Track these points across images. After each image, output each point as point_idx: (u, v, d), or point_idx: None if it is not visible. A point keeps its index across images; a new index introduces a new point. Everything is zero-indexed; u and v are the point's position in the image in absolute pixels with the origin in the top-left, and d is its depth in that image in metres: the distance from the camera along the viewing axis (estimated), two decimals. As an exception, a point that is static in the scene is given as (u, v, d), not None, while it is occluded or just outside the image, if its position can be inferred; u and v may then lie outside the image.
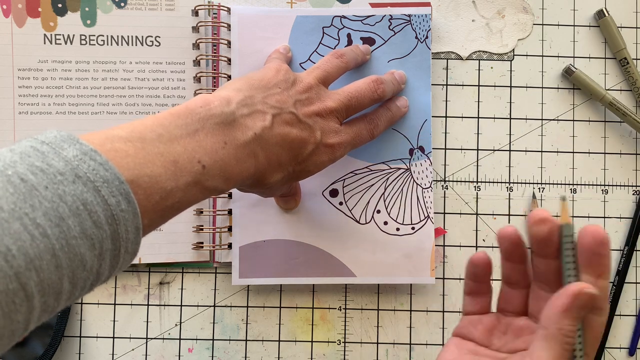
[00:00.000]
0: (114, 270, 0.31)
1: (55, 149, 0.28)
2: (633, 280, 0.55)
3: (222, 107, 0.37)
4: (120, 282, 0.54)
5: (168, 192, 0.32)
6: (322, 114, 0.43)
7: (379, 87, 0.48)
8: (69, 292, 0.28)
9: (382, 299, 0.55)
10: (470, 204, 0.55)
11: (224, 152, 0.36)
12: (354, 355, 0.54)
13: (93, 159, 0.29)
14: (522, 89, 0.55)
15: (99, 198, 0.28)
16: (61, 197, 0.27)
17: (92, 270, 0.29)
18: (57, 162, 0.28)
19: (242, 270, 0.52)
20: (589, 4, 0.56)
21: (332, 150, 0.44)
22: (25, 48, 0.53)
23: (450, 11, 0.55)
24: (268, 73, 0.43)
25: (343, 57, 0.48)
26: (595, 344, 0.32)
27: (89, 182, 0.28)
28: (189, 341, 0.54)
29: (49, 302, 0.27)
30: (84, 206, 0.28)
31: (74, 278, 0.28)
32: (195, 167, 0.34)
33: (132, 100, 0.54)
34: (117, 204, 0.29)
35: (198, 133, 0.35)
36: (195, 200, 0.35)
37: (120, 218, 0.29)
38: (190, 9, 0.54)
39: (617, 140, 0.55)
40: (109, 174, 0.29)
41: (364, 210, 0.53)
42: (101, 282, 0.31)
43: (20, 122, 0.53)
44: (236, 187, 0.39)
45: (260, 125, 0.39)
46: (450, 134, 0.55)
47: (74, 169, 0.28)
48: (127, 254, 0.31)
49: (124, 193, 0.29)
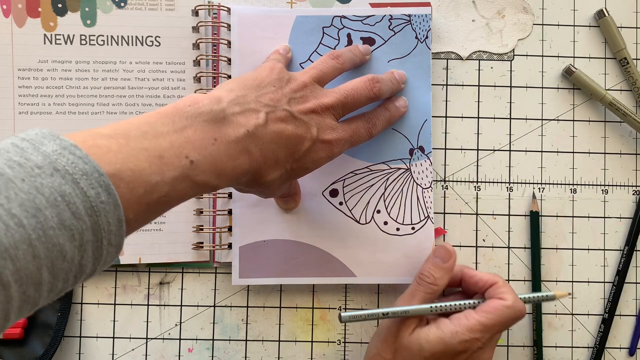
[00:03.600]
0: (99, 263, 0.31)
1: (34, 144, 0.29)
2: (633, 280, 0.55)
3: (211, 105, 0.37)
4: (120, 282, 0.54)
5: (153, 185, 0.33)
6: (318, 110, 0.43)
7: (375, 85, 0.48)
8: (50, 284, 0.28)
9: (382, 299, 0.55)
10: (470, 204, 0.55)
11: (213, 148, 0.36)
12: (354, 355, 0.54)
13: (72, 153, 0.29)
14: (522, 89, 0.55)
15: (77, 190, 0.28)
16: (38, 189, 0.27)
17: (73, 261, 0.29)
18: (35, 156, 0.28)
19: (242, 270, 0.52)
20: (589, 4, 0.56)
21: (329, 147, 0.44)
22: (25, 48, 0.53)
23: (450, 11, 0.55)
24: (262, 72, 0.43)
25: (339, 58, 0.48)
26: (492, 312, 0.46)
27: (68, 175, 0.28)
28: (189, 341, 0.54)
29: (28, 293, 0.27)
30: (62, 198, 0.28)
31: (54, 269, 0.28)
32: (183, 162, 0.34)
33: (132, 100, 0.54)
34: (96, 196, 0.29)
35: (186, 129, 0.35)
36: (187, 195, 0.35)
37: (100, 209, 0.29)
38: (190, 9, 0.54)
39: (617, 140, 0.55)
40: (88, 166, 0.29)
41: (364, 210, 0.53)
42: (87, 276, 0.31)
43: (20, 122, 0.53)
44: (232, 184, 0.39)
45: (253, 122, 0.39)
46: (450, 134, 0.55)
47: (52, 163, 0.28)
48: (110, 246, 0.31)
49: (103, 185, 0.29)
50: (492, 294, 0.47)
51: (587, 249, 0.55)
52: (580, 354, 0.55)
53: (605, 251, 0.55)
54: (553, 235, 0.55)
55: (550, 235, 0.55)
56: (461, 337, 0.45)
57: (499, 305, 0.46)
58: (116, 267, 0.54)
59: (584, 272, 0.55)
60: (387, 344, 0.47)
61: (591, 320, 0.55)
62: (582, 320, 0.55)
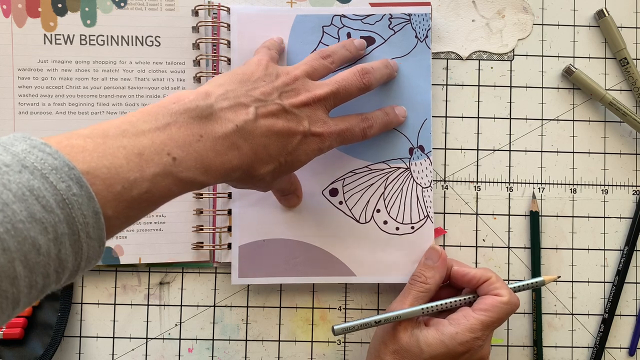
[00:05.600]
0: (81, 257, 0.31)
1: (5, 146, 0.29)
2: (633, 280, 0.55)
3: (197, 100, 0.37)
4: (120, 282, 0.54)
5: (131, 182, 0.33)
6: (310, 103, 0.43)
7: (364, 76, 0.47)
8: (27, 278, 0.28)
9: (382, 298, 0.55)
10: (470, 204, 0.55)
11: (199, 144, 0.36)
12: (354, 355, 0.54)
13: (42, 151, 0.29)
14: (522, 89, 0.55)
15: (47, 184, 0.29)
16: (5, 185, 0.28)
17: (49, 254, 0.29)
18: (4, 156, 0.29)
19: (241, 269, 0.52)
20: (589, 4, 0.56)
21: (320, 140, 0.44)
22: (25, 48, 0.53)
23: (450, 11, 0.55)
24: (251, 67, 0.43)
25: (329, 57, 0.48)
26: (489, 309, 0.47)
27: (36, 171, 0.29)
28: (189, 341, 0.54)
29: (3, 287, 0.27)
30: (30, 192, 0.28)
31: (28, 262, 0.28)
32: (164, 159, 0.34)
33: (132, 100, 0.54)
34: (67, 189, 0.29)
35: (169, 127, 0.35)
36: (172, 192, 0.35)
37: (73, 202, 0.29)
38: (190, 9, 0.54)
39: (617, 140, 0.55)
40: (57, 162, 0.29)
41: (363, 209, 0.53)
42: (71, 272, 0.31)
43: (20, 122, 0.53)
44: (223, 180, 0.39)
45: (242, 117, 0.39)
46: (450, 134, 0.55)
47: (20, 161, 0.29)
48: (89, 239, 0.31)
49: (74, 178, 0.30)
50: (486, 290, 0.48)
51: (587, 249, 0.55)
52: (580, 354, 0.55)
53: (605, 251, 0.55)
54: (553, 235, 0.55)
55: (550, 235, 0.55)
56: (462, 338, 0.45)
57: (496, 302, 0.46)
58: (116, 267, 0.54)
59: (584, 272, 0.55)
60: (385, 346, 0.47)
61: (591, 320, 0.55)
62: (582, 320, 0.55)
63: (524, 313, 0.55)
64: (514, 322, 0.54)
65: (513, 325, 0.54)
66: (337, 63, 0.49)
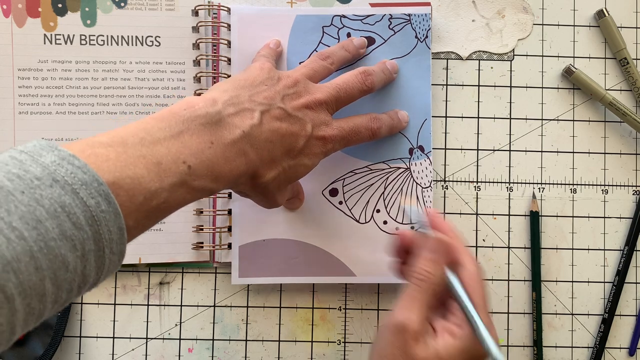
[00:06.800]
0: (102, 271, 0.31)
1: (33, 156, 0.29)
2: (633, 280, 0.55)
3: (206, 107, 0.37)
4: (120, 282, 0.54)
5: (152, 192, 0.33)
6: (312, 106, 0.43)
7: (367, 78, 0.47)
8: (53, 295, 0.28)
9: (382, 298, 0.55)
10: (470, 204, 0.55)
11: (210, 151, 0.36)
12: (354, 355, 0.54)
13: (71, 163, 0.29)
14: (522, 89, 0.55)
15: (77, 200, 0.28)
16: (38, 201, 0.27)
17: (76, 271, 0.29)
18: (34, 168, 0.28)
19: (241, 269, 0.52)
20: (589, 4, 0.56)
21: (323, 143, 0.44)
22: (25, 48, 0.53)
23: (450, 11, 0.55)
24: (253, 72, 0.43)
25: (328, 59, 0.48)
26: (470, 291, 0.39)
27: (67, 185, 0.28)
28: (189, 341, 0.54)
29: (33, 305, 0.27)
30: (62, 208, 0.28)
31: (57, 280, 0.28)
32: (181, 168, 0.34)
33: (132, 100, 0.54)
34: (96, 205, 0.29)
35: (182, 134, 0.35)
36: (184, 201, 0.35)
37: (101, 219, 0.29)
38: (190, 9, 0.54)
39: (617, 140, 0.55)
40: (87, 176, 0.29)
41: (363, 209, 0.53)
42: (90, 285, 0.31)
43: (20, 122, 0.53)
44: (230, 187, 0.39)
45: (248, 123, 0.39)
46: (450, 134, 0.55)
47: (51, 174, 0.28)
48: (112, 254, 0.31)
49: (103, 194, 0.29)
50: None
51: (587, 249, 0.55)
52: (580, 354, 0.55)
53: (605, 251, 0.55)
54: (553, 235, 0.55)
55: (550, 235, 0.55)
56: None
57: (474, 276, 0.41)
58: (116, 267, 0.54)
59: (584, 272, 0.55)
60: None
61: (591, 320, 0.55)
62: (582, 320, 0.55)
63: (524, 313, 0.55)
64: (514, 322, 0.55)
65: (513, 325, 0.54)
66: (337, 64, 0.49)
